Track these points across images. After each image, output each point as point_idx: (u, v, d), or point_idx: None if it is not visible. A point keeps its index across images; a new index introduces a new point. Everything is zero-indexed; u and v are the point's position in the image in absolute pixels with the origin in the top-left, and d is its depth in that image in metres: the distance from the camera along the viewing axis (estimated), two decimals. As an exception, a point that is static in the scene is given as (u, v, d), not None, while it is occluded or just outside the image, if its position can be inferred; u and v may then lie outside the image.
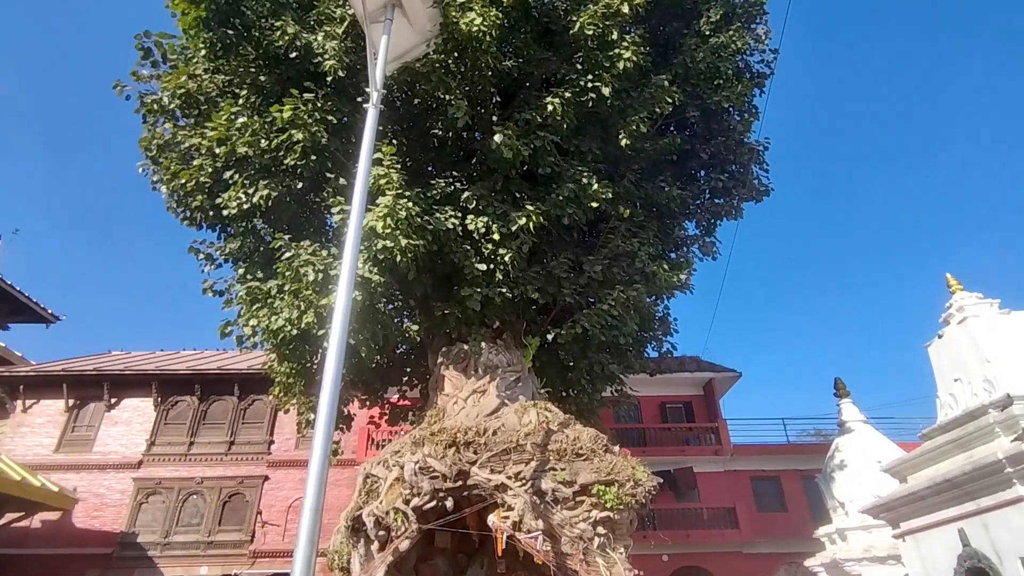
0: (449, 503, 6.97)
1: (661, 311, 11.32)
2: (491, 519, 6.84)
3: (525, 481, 6.86)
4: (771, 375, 70.20)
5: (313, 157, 7.87)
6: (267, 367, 10.49)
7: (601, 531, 6.72)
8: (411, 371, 11.67)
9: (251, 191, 8.06)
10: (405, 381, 11.75)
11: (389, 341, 9.15)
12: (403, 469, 7.14)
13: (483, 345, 8.80)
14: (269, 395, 11.07)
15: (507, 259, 8.19)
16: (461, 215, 8.29)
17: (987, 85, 67.80)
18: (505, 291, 8.45)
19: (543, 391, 9.44)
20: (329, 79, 7.92)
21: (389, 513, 6.86)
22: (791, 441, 20.89)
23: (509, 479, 6.89)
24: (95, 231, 71.13)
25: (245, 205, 8.08)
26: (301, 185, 8.38)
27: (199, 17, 7.98)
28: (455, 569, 8.23)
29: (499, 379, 8.51)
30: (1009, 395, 7.93)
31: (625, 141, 8.89)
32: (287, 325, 7.85)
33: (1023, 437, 7.38)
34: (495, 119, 9.02)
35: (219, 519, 16.89)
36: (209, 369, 18.99)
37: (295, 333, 7.94)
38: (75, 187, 66.25)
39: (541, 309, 9.62)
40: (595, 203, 8.56)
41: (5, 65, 55.61)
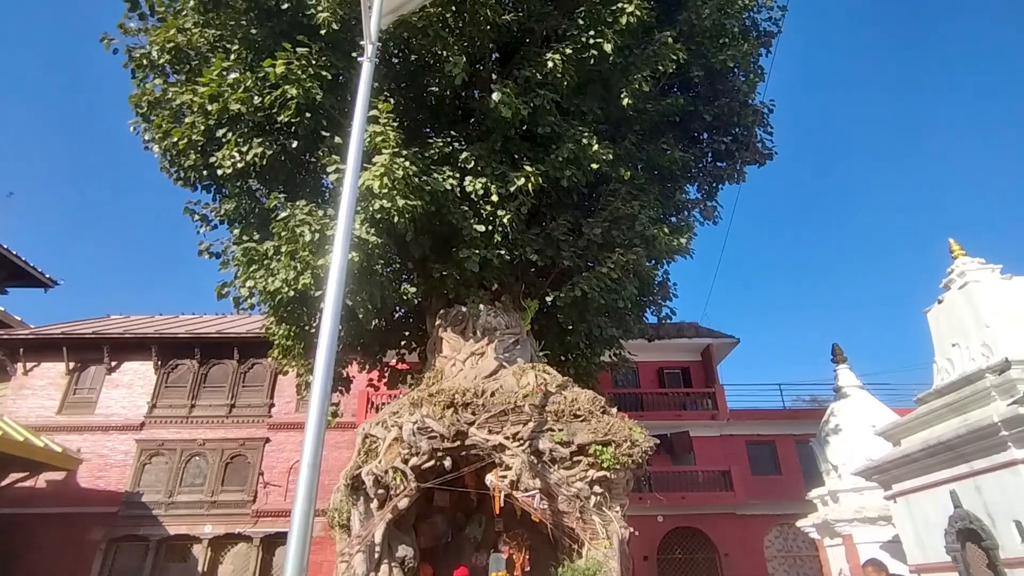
0: (447, 463, 7.04)
1: (661, 275, 11.27)
2: (489, 478, 6.92)
3: (523, 441, 6.91)
4: (769, 342, 70.70)
5: (307, 114, 7.69)
6: (266, 330, 10.48)
7: (598, 490, 6.80)
8: (409, 334, 11.68)
9: (245, 150, 7.91)
10: (403, 344, 11.76)
11: (387, 303, 9.11)
12: (401, 429, 7.18)
13: (481, 307, 8.76)
14: (268, 358, 11.09)
15: (506, 221, 8.09)
16: (459, 176, 8.15)
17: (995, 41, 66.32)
18: (503, 253, 8.37)
19: (541, 354, 9.45)
20: (323, 32, 7.69)
21: (388, 472, 6.93)
22: (787, 407, 21.11)
23: (507, 439, 6.94)
24: (91, 195, 70.57)
25: (239, 164, 7.93)
26: (296, 144, 8.21)
27: (186, -34, 7.71)
28: (454, 527, 8.37)
29: (497, 341, 8.50)
30: (1007, 359, 7.93)
31: (627, 100, 8.68)
32: (284, 286, 7.80)
33: (1020, 401, 7.39)
34: (494, 77, 8.79)
35: (222, 480, 17.16)
36: (208, 333, 19.02)
37: (292, 295, 7.90)
38: (71, 149, 65.43)
39: (540, 272, 9.55)
40: (595, 164, 8.41)
41: (-8, 24, 54.23)
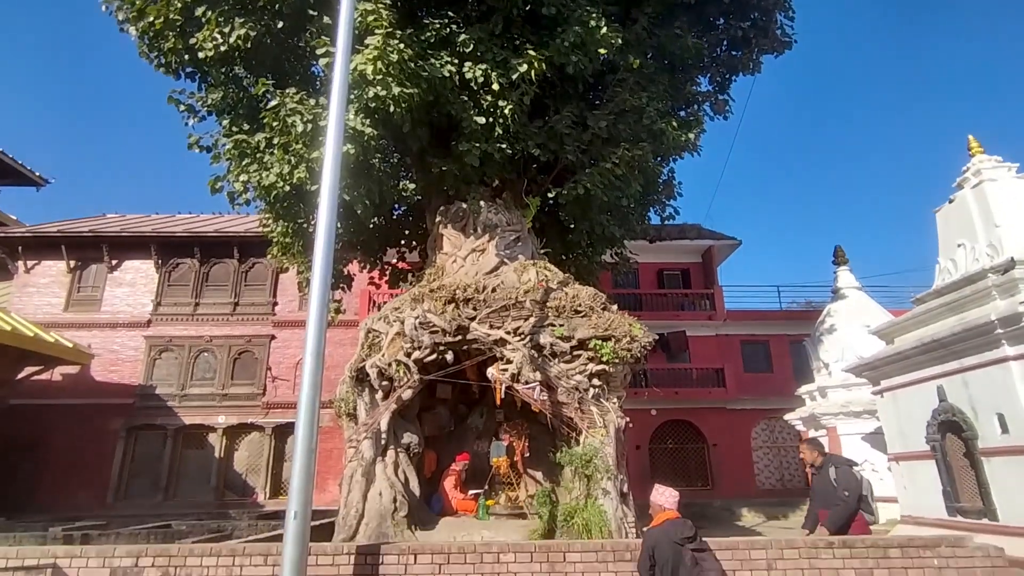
0: (449, 356, 7.16)
1: (666, 173, 10.96)
2: (491, 371, 7.06)
3: (524, 336, 6.99)
4: (773, 243, 70.43)
5: (292, -10, 7.09)
6: (263, 226, 10.35)
7: (596, 383, 6.96)
8: (409, 233, 11.56)
9: (227, 31, 7.37)
10: (403, 243, 11.68)
11: (386, 200, 8.90)
12: (404, 324, 7.24)
13: (482, 204, 8.57)
14: (268, 256, 11.04)
15: (507, 112, 7.70)
16: (458, 62, 7.65)
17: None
18: (505, 147, 8.05)
19: (542, 252, 9.37)
20: None
21: (391, 365, 7.06)
22: (784, 308, 21.42)
23: (508, 334, 7.01)
24: (74, 88, 67.58)
25: (222, 47, 7.42)
26: (281, 24, 7.65)
27: None
28: (456, 418, 8.69)
29: (498, 238, 8.39)
30: (1013, 259, 7.86)
31: (640, -23, 7.99)
32: (279, 181, 7.58)
33: (1019, 299, 7.42)
34: (494, -53, 8.01)
35: (231, 374, 17.76)
36: (207, 232, 18.92)
37: (287, 189, 7.70)
38: (55, 42, 61.79)
39: (542, 167, 9.25)
40: (603, 50, 7.86)
41: None
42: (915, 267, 57.64)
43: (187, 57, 8.08)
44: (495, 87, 7.58)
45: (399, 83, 6.95)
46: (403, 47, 6.84)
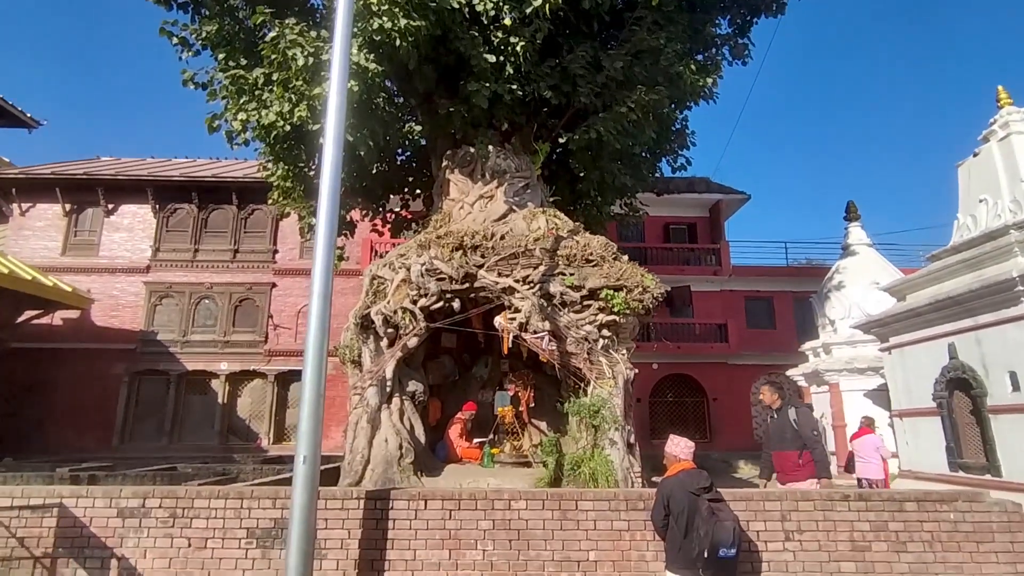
0: (456, 304, 7.01)
1: (680, 121, 10.55)
2: (498, 320, 6.92)
3: (533, 284, 6.81)
4: (783, 198, 69.24)
5: (291, -91, 6.57)
6: (262, 169, 10.02)
7: (606, 334, 6.84)
8: (413, 179, 11.23)
9: (221, -47, 6.88)
10: (407, 190, 11.35)
11: (390, 142, 8.58)
12: (409, 271, 7.05)
13: (490, 148, 8.25)
14: (268, 202, 10.74)
15: (519, 49, 7.29)
16: (468, -7, 7.18)
17: None
18: (515, 88, 7.68)
19: (551, 200, 9.10)
20: None
21: (397, 312, 6.91)
22: (790, 263, 21.19)
23: (517, 282, 6.83)
24: (61, 24, 65.28)
25: (216, -29, 6.94)
26: (280, -52, 7.14)
27: None
28: (461, 367, 8.62)
29: (507, 185, 8.11)
30: (1038, 214, 7.63)
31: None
32: (279, 120, 7.26)
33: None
34: None
35: (232, 321, 17.68)
36: (205, 177, 18.48)
37: (288, 129, 7.38)
38: (30, -26, 59.20)
39: (553, 111, 8.86)
40: (622, -19, 7.39)
41: None
42: (929, 224, 57.00)
43: (179, -17, 7.60)
44: (507, 22, 7.16)
45: (405, 14, 6.54)
46: (410, -25, 6.40)
